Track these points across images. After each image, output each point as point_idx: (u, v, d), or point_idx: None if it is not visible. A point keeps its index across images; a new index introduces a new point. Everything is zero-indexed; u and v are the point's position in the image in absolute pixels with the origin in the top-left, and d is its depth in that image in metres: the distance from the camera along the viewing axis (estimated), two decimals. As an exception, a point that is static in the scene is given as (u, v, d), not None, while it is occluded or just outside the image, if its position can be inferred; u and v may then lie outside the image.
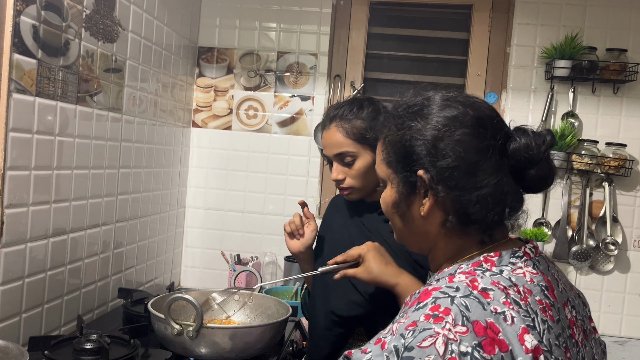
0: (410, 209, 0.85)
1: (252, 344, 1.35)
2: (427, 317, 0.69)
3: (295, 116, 2.51)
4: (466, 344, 0.66)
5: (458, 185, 0.79)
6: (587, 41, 2.33)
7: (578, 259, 2.32)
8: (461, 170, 0.78)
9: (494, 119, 0.83)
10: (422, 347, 0.66)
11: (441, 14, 2.54)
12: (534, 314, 0.72)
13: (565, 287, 0.85)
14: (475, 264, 0.79)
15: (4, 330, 1.38)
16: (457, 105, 0.82)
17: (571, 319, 0.81)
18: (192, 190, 2.57)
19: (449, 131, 0.80)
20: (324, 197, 2.52)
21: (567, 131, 2.30)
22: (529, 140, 0.80)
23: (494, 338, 0.68)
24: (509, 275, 0.76)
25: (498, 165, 0.79)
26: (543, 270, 0.80)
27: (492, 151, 0.79)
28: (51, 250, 1.55)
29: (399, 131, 0.84)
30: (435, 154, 0.80)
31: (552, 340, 0.72)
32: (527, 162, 0.80)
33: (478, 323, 0.68)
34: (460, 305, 0.70)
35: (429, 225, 0.84)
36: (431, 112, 0.82)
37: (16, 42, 1.33)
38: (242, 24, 2.53)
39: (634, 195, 2.35)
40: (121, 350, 1.37)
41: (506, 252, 0.80)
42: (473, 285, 0.73)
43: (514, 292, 0.73)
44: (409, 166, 0.83)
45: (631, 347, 2.24)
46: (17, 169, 1.38)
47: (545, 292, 0.77)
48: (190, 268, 2.59)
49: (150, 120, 2.09)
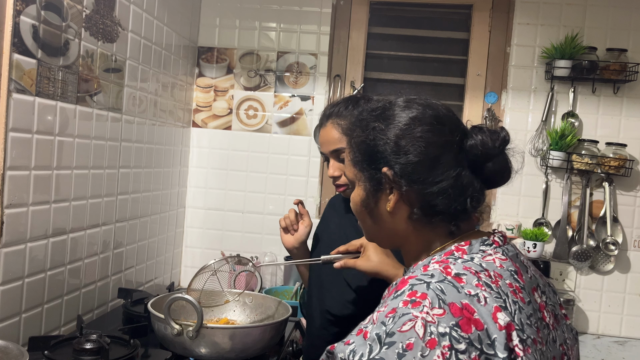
0: (378, 205, 0.90)
1: (252, 344, 1.35)
2: (406, 303, 0.73)
3: (295, 116, 2.51)
4: (444, 325, 0.70)
5: (420, 179, 0.84)
6: (587, 41, 2.33)
7: (578, 259, 2.32)
8: (422, 165, 0.84)
9: (451, 117, 0.88)
10: (402, 331, 0.70)
11: (441, 14, 2.54)
12: (504, 296, 0.76)
13: (535, 274, 0.89)
14: (447, 253, 0.83)
15: (4, 330, 1.38)
16: (416, 106, 0.88)
17: (541, 303, 0.85)
18: (192, 190, 2.57)
19: (410, 129, 0.85)
20: (324, 197, 2.52)
21: (567, 131, 2.30)
22: (484, 136, 0.85)
23: (470, 318, 0.71)
24: (480, 261, 0.81)
25: (457, 159, 0.85)
26: (512, 257, 0.85)
27: (451, 146, 0.85)
28: (51, 250, 1.55)
29: (363, 132, 0.90)
30: (397, 151, 0.85)
31: (523, 320, 0.76)
32: (483, 157, 0.85)
33: (454, 305, 0.72)
34: (435, 290, 0.74)
35: (397, 220, 0.89)
36: (393, 113, 0.88)
37: (16, 42, 1.33)
38: (242, 24, 2.53)
39: (634, 195, 2.35)
40: (121, 350, 1.37)
41: (476, 241, 0.85)
42: (446, 272, 0.77)
43: (485, 276, 0.78)
44: (374, 164, 0.88)
45: (631, 347, 2.24)
46: (17, 169, 1.38)
47: (514, 277, 0.81)
48: (190, 268, 2.58)
49: (150, 120, 2.09)
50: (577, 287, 2.37)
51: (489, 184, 0.88)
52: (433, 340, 0.68)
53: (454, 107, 2.64)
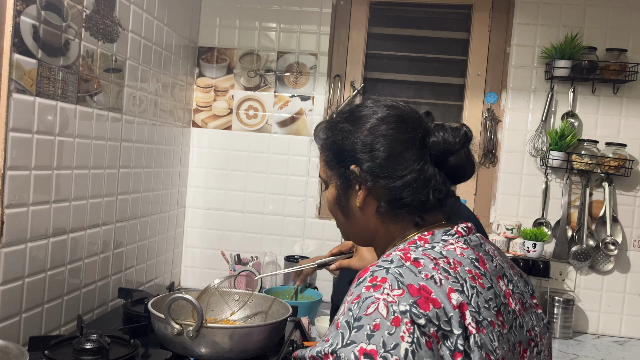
0: (349, 202, 0.96)
1: (252, 343, 1.35)
2: (368, 288, 0.78)
3: (295, 116, 2.51)
4: (404, 303, 0.75)
5: (385, 174, 0.90)
6: (587, 41, 2.33)
7: (578, 259, 2.32)
8: (387, 161, 0.89)
9: (414, 116, 0.94)
10: (367, 314, 0.75)
11: (441, 14, 2.54)
12: (462, 280, 0.81)
13: (503, 264, 0.93)
14: (410, 242, 0.89)
15: (4, 330, 1.38)
16: (381, 106, 0.94)
17: (506, 290, 0.88)
18: (192, 190, 2.57)
19: (375, 127, 0.91)
20: (323, 197, 2.52)
21: (567, 131, 2.30)
22: (446, 133, 0.91)
23: (427, 297, 0.76)
24: (440, 249, 0.86)
25: (420, 154, 0.90)
26: (474, 247, 0.89)
27: (414, 143, 0.90)
28: (51, 250, 1.55)
29: (332, 133, 0.96)
30: (363, 149, 0.91)
31: (480, 303, 0.80)
32: (445, 152, 0.91)
33: (412, 286, 0.77)
34: (394, 274, 0.79)
35: (366, 215, 0.95)
36: (360, 114, 0.94)
37: (16, 42, 1.34)
38: (242, 24, 2.53)
39: (634, 195, 2.35)
40: (121, 350, 1.37)
41: (439, 231, 0.90)
42: (406, 257, 0.82)
43: (444, 263, 0.82)
44: (343, 162, 0.94)
45: (631, 347, 2.25)
46: (17, 169, 1.38)
47: (475, 264, 0.86)
48: (190, 268, 2.59)
49: (150, 120, 2.09)
50: (576, 287, 2.37)
51: (454, 179, 0.93)
52: (397, 318, 0.73)
53: (454, 107, 2.66)
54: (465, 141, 0.92)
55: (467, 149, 0.93)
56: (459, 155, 0.91)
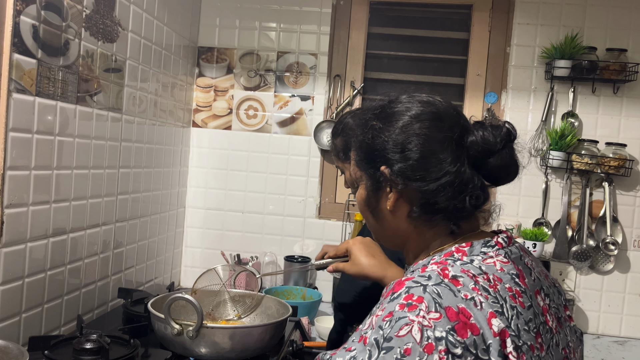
0: (379, 204, 0.90)
1: (252, 344, 1.35)
2: (402, 307, 0.72)
3: (295, 116, 2.51)
4: (440, 329, 0.69)
5: (418, 176, 0.83)
6: (587, 41, 2.33)
7: (578, 259, 2.32)
8: (420, 162, 0.83)
9: (451, 113, 0.87)
10: (399, 336, 0.69)
11: (441, 14, 2.54)
12: (502, 301, 0.75)
13: (540, 276, 0.87)
14: (447, 254, 0.82)
15: (4, 330, 1.38)
16: (416, 102, 0.87)
17: (544, 306, 0.83)
18: (192, 190, 2.57)
19: (408, 126, 0.85)
20: (323, 197, 2.52)
21: (567, 131, 2.30)
22: (486, 132, 0.84)
23: (466, 322, 0.70)
24: (479, 264, 0.79)
25: (456, 155, 0.83)
26: (514, 260, 0.83)
27: (450, 143, 0.83)
28: (51, 250, 1.55)
29: (362, 132, 0.91)
30: (395, 149, 0.85)
31: (520, 326, 0.75)
32: (485, 152, 0.83)
33: (450, 309, 0.71)
34: (432, 293, 0.73)
35: (397, 219, 0.88)
36: (393, 111, 0.88)
37: (16, 42, 1.33)
38: (242, 24, 2.53)
39: (634, 195, 2.35)
40: (121, 350, 1.37)
41: (478, 242, 0.83)
42: (444, 274, 0.76)
43: (483, 280, 0.76)
44: (373, 163, 0.88)
45: (631, 347, 2.25)
46: (17, 169, 1.38)
47: (515, 280, 0.79)
48: (190, 268, 2.59)
49: (150, 120, 2.09)
50: (577, 287, 2.37)
51: (494, 181, 0.86)
52: (430, 345, 0.68)
53: (454, 107, 2.63)
54: (508, 140, 0.84)
55: (511, 148, 0.85)
56: (500, 155, 0.83)
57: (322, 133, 2.46)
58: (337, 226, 2.50)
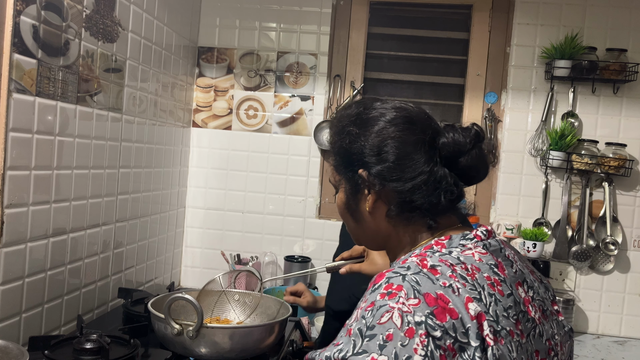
0: (359, 206, 0.94)
1: (252, 344, 1.35)
2: (382, 296, 0.75)
3: (295, 116, 2.51)
4: (420, 314, 0.72)
5: (394, 177, 0.87)
6: (587, 41, 2.33)
7: (578, 259, 2.32)
8: (396, 163, 0.87)
9: (422, 117, 0.92)
10: (381, 323, 0.72)
11: (441, 14, 2.54)
12: (480, 288, 0.78)
13: (523, 270, 0.90)
14: (427, 247, 0.86)
15: (4, 330, 1.38)
16: (389, 108, 0.92)
17: (526, 297, 0.86)
18: (192, 190, 2.57)
19: (383, 130, 0.89)
20: (323, 197, 2.52)
21: (567, 131, 2.30)
22: (456, 133, 0.89)
23: (445, 307, 0.73)
24: (458, 255, 0.82)
25: (429, 156, 0.88)
26: (493, 252, 0.86)
27: (423, 144, 0.88)
28: (51, 250, 1.55)
29: (340, 137, 0.94)
30: (372, 152, 0.89)
31: (499, 312, 0.78)
32: (456, 152, 0.88)
33: (429, 295, 0.74)
34: (411, 281, 0.76)
35: (377, 220, 0.92)
36: (367, 116, 0.92)
37: (16, 42, 1.34)
38: (242, 24, 2.53)
39: (634, 195, 2.35)
40: (121, 350, 1.37)
41: (456, 236, 0.86)
42: (422, 264, 0.79)
43: (461, 269, 0.79)
44: (351, 166, 0.92)
45: (631, 347, 2.25)
46: (17, 169, 1.38)
47: (494, 270, 0.83)
48: (190, 268, 2.59)
49: (150, 120, 2.09)
50: (576, 287, 2.37)
51: (466, 181, 0.91)
52: (411, 329, 0.71)
53: (454, 107, 2.66)
54: (477, 141, 0.89)
55: (479, 149, 0.90)
56: (470, 155, 0.89)
57: (322, 133, 2.46)
58: (337, 226, 2.50)
